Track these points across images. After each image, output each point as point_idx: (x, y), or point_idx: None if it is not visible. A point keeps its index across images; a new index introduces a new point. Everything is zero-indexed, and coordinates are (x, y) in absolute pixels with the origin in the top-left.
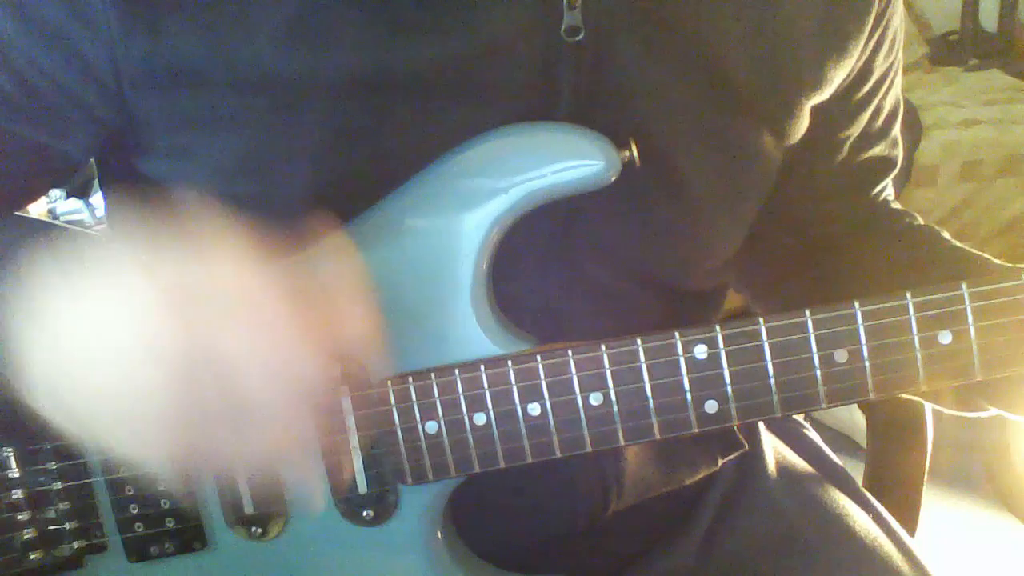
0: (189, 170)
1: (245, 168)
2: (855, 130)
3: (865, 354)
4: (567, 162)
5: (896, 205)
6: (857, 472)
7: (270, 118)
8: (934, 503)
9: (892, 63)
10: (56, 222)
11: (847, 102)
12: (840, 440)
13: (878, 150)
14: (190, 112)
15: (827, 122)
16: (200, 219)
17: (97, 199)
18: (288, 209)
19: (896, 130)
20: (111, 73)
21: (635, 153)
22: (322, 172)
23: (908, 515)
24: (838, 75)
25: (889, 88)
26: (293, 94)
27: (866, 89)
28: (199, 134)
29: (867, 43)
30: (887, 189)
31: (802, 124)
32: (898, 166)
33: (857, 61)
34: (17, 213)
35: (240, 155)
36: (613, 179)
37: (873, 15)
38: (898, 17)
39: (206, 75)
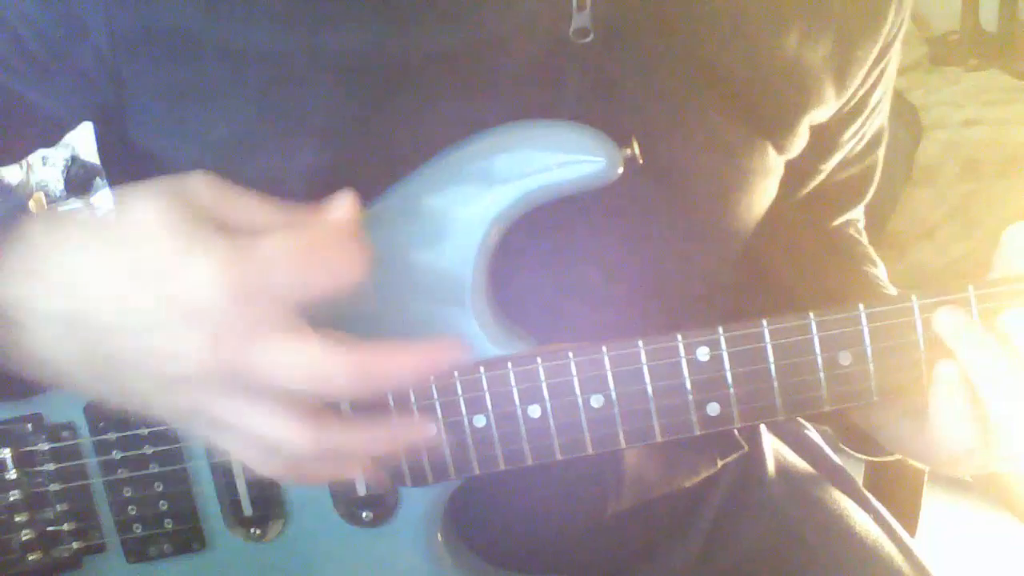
0: (184, 145)
1: (239, 146)
2: (835, 160)
3: (869, 356)
4: (568, 159)
5: (856, 235)
6: (857, 472)
7: (265, 94)
8: (934, 503)
9: (885, 92)
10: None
11: (840, 133)
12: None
13: (852, 172)
14: (184, 83)
15: (815, 148)
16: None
17: (97, 199)
18: (281, 189)
19: (876, 156)
20: (106, 38)
21: (637, 151)
22: (317, 155)
23: (908, 515)
24: (839, 98)
25: (877, 115)
26: (289, 72)
27: (859, 122)
28: (193, 106)
29: (870, 72)
30: (852, 215)
31: (802, 140)
32: (868, 195)
33: (858, 90)
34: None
35: (233, 131)
36: (615, 177)
37: (880, 44)
38: (898, 50)
39: (202, 46)
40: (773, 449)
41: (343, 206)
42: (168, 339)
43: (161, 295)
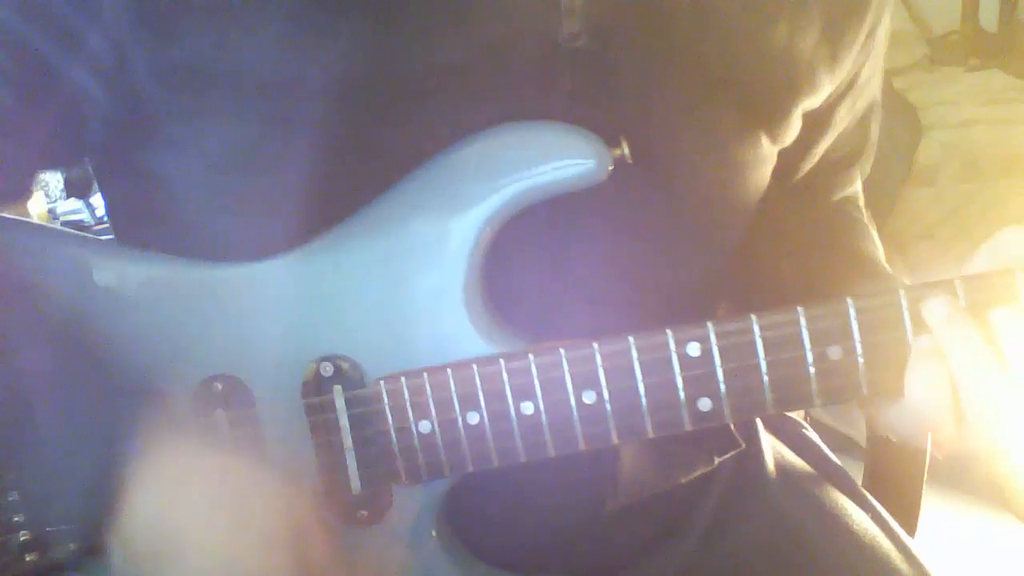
0: (184, 162)
1: (238, 162)
2: (829, 141)
3: (859, 351)
4: (558, 160)
5: (854, 211)
6: (857, 472)
7: (265, 115)
8: (934, 503)
9: (875, 66)
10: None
11: (833, 114)
12: (840, 440)
13: (845, 147)
14: (189, 105)
15: (810, 131)
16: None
17: (97, 199)
18: (283, 206)
19: (869, 128)
20: (115, 64)
21: (627, 151)
22: (315, 169)
23: (908, 515)
24: (831, 83)
25: (867, 90)
26: (289, 93)
27: (850, 100)
28: (196, 127)
29: (859, 54)
30: (848, 191)
31: (795, 128)
32: (858, 160)
33: (848, 72)
34: None
35: (234, 150)
36: (605, 177)
37: (868, 25)
38: (886, 25)
39: (209, 74)
40: (772, 448)
41: None
42: None
43: None
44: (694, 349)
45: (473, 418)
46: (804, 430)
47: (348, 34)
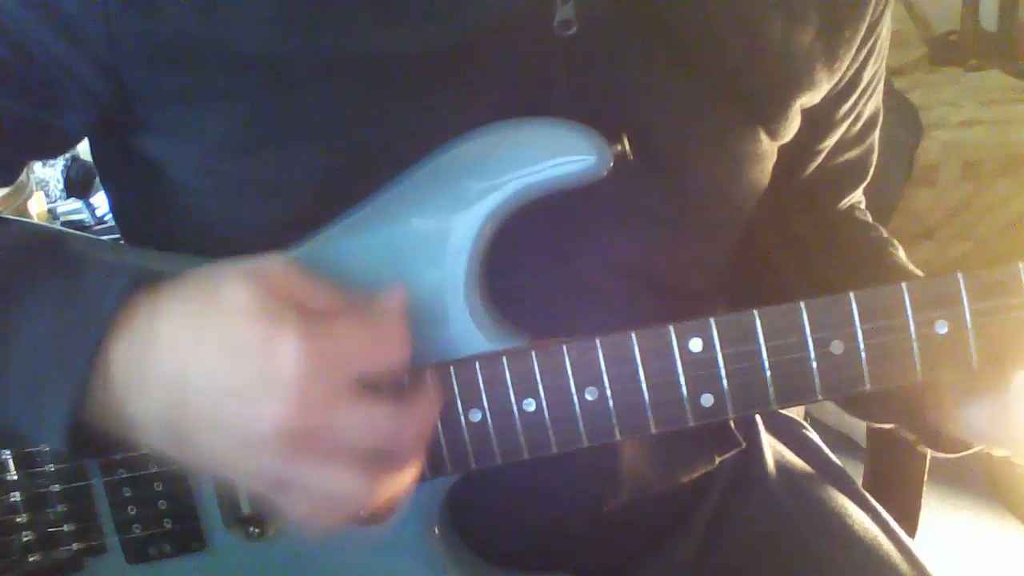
0: (181, 147)
1: (235, 147)
2: (832, 140)
3: (861, 345)
4: (558, 157)
5: (863, 216)
6: (857, 472)
7: (259, 97)
8: (934, 503)
9: (877, 70)
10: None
11: (834, 112)
12: (840, 440)
13: (852, 155)
14: (182, 87)
15: (811, 129)
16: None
17: (97, 199)
18: (279, 193)
19: (873, 138)
20: (105, 46)
21: (627, 147)
22: (315, 157)
23: (908, 515)
24: (831, 79)
25: (872, 95)
26: (281, 74)
27: (852, 99)
28: (190, 110)
29: (859, 51)
30: (855, 198)
31: (794, 125)
32: (868, 176)
33: (848, 68)
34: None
35: (230, 133)
36: (605, 173)
37: (867, 23)
38: (887, 26)
39: (199, 52)
40: (772, 448)
41: (395, 298)
42: (254, 404)
43: (251, 367)
44: (696, 344)
45: (476, 415)
46: (804, 430)
47: (337, 15)
